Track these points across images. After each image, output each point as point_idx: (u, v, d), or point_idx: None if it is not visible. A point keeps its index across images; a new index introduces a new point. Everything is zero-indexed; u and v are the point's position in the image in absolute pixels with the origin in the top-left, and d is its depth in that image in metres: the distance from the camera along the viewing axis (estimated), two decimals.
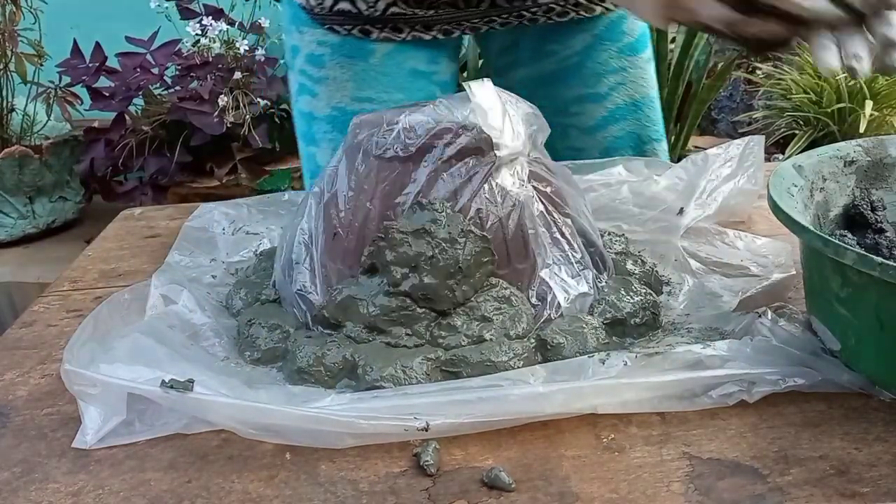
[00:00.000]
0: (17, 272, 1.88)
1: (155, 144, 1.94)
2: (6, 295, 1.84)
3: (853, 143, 0.68)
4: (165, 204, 1.68)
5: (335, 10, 0.92)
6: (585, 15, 0.95)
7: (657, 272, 0.70)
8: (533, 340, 0.59)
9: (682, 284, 0.69)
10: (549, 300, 0.61)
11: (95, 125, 1.99)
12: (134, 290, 0.66)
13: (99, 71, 1.95)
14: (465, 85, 0.64)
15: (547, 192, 0.65)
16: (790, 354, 0.55)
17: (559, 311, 0.61)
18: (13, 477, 0.51)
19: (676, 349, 0.55)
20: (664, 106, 1.12)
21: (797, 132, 2.15)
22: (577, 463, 0.50)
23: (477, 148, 0.61)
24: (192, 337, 0.62)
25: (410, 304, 0.59)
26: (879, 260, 0.47)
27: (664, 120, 1.06)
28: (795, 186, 0.62)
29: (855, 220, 0.66)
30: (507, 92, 0.66)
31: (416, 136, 0.62)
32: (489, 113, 0.62)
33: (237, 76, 1.88)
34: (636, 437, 0.52)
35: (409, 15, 0.92)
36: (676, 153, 2.12)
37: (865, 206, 0.66)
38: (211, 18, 1.91)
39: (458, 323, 0.59)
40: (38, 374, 0.62)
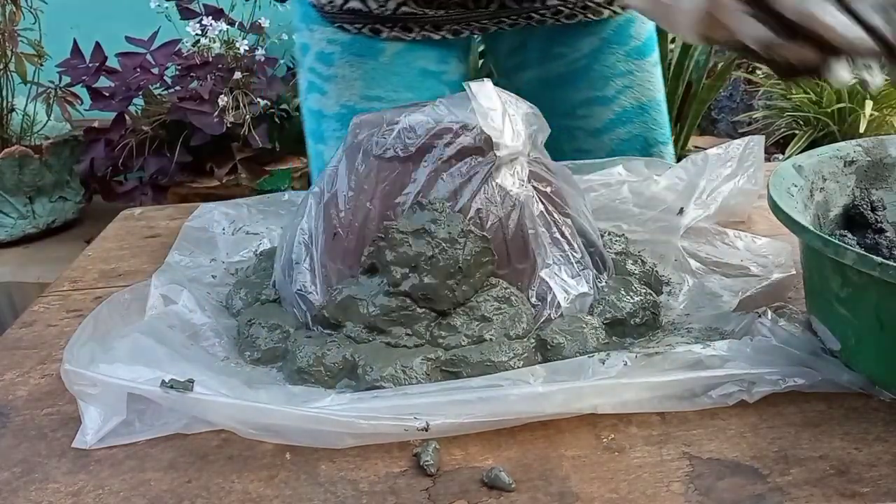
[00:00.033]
0: (17, 272, 1.88)
1: (155, 144, 1.94)
2: (6, 295, 1.84)
3: (853, 143, 0.68)
4: (165, 204, 1.68)
5: (345, 8, 0.92)
6: (593, 18, 0.95)
7: (657, 272, 0.70)
8: (533, 340, 0.59)
9: (682, 284, 0.69)
10: (549, 300, 0.61)
11: (95, 125, 1.99)
12: (134, 290, 0.66)
13: (99, 71, 1.95)
14: (465, 85, 0.64)
15: (547, 192, 0.65)
16: (790, 354, 0.55)
17: (559, 311, 0.61)
18: (13, 477, 0.51)
19: (676, 349, 0.55)
20: None
21: (797, 132, 2.15)
22: (577, 463, 0.50)
23: (477, 148, 0.61)
24: (192, 337, 0.62)
25: (410, 304, 0.59)
26: (879, 260, 0.47)
27: None
28: (795, 186, 0.62)
29: (855, 220, 0.66)
30: (506, 92, 0.66)
31: (416, 136, 0.62)
32: (489, 113, 0.62)
33: (237, 76, 1.88)
34: (636, 437, 0.52)
35: (419, 14, 0.92)
36: (676, 153, 2.11)
37: (865, 206, 0.66)
38: (211, 18, 1.91)
39: (458, 323, 0.59)
40: (38, 374, 0.62)
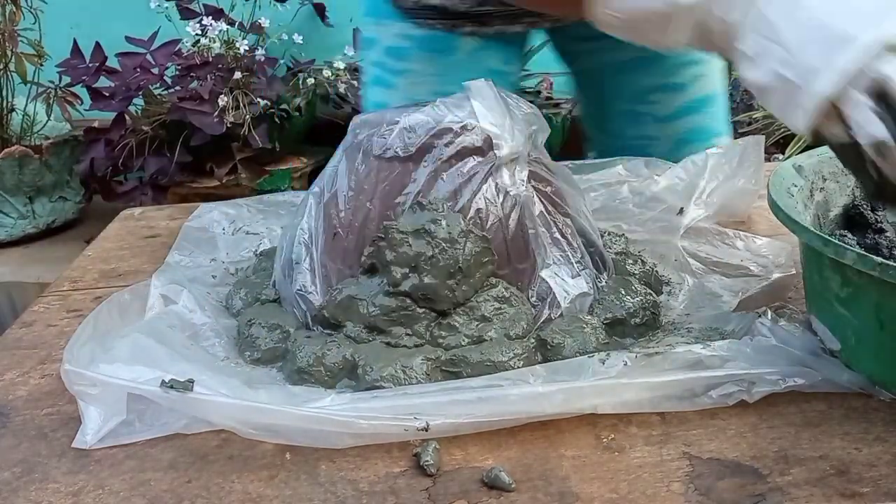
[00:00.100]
0: (17, 272, 1.87)
1: (155, 144, 1.94)
2: (6, 295, 1.84)
3: None
4: (165, 204, 1.68)
5: (424, 4, 0.92)
6: None
7: (657, 272, 0.70)
8: (533, 340, 0.59)
9: (682, 284, 0.69)
10: (549, 300, 0.61)
11: (95, 125, 1.98)
12: (134, 290, 0.66)
13: (99, 71, 1.95)
14: (464, 85, 0.64)
15: (547, 192, 0.65)
16: (790, 354, 0.55)
17: (559, 311, 0.61)
18: (13, 477, 0.51)
19: (676, 349, 0.55)
20: None
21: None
22: (577, 463, 0.50)
23: (477, 148, 0.61)
24: (192, 337, 0.62)
25: (410, 304, 0.59)
26: (879, 260, 0.47)
27: None
28: (795, 186, 0.62)
29: (855, 220, 0.66)
30: (506, 92, 0.66)
31: (416, 136, 0.62)
32: (489, 113, 0.62)
33: (237, 76, 1.87)
34: (636, 437, 0.52)
35: (496, 12, 0.92)
36: None
37: (865, 206, 0.66)
38: (211, 18, 1.90)
39: (458, 323, 0.59)
40: (38, 374, 0.62)
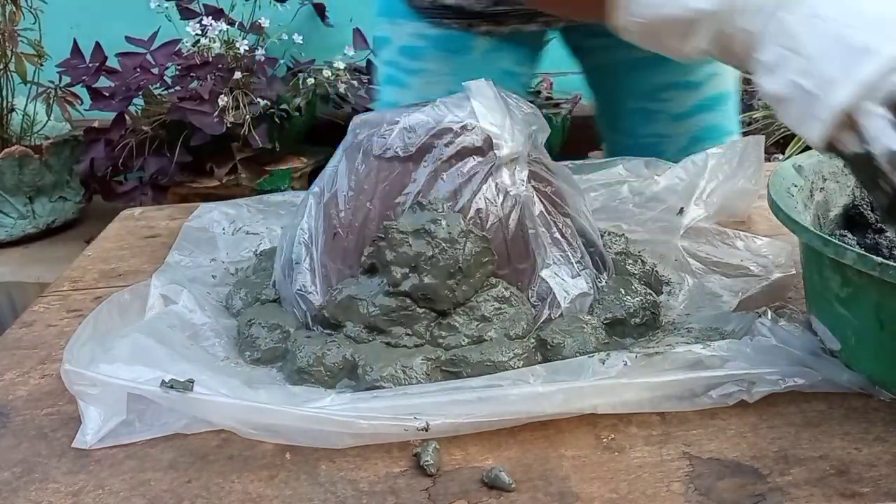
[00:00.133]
0: (17, 272, 1.88)
1: (155, 144, 1.94)
2: (6, 295, 1.84)
3: None
4: (165, 204, 1.68)
5: (439, 3, 0.92)
6: None
7: (657, 272, 0.70)
8: (533, 340, 0.59)
9: (682, 284, 0.69)
10: (549, 300, 0.61)
11: (95, 125, 1.98)
12: (134, 290, 0.66)
13: (99, 71, 1.95)
14: (464, 85, 0.64)
15: (547, 192, 0.65)
16: (790, 354, 0.55)
17: (559, 311, 0.61)
18: (13, 477, 0.51)
19: (676, 349, 0.55)
20: None
21: None
22: (577, 463, 0.50)
23: (477, 148, 0.61)
24: (192, 337, 0.62)
25: (410, 304, 0.59)
26: (879, 260, 0.47)
27: None
28: (795, 186, 0.62)
29: (855, 220, 0.66)
30: (506, 92, 0.66)
31: (416, 136, 0.62)
32: (489, 113, 0.62)
33: (237, 76, 1.87)
34: (636, 437, 0.52)
35: (512, 11, 0.92)
36: None
37: (865, 206, 0.66)
38: (211, 18, 1.90)
39: (458, 323, 0.59)
40: (38, 374, 0.62)
